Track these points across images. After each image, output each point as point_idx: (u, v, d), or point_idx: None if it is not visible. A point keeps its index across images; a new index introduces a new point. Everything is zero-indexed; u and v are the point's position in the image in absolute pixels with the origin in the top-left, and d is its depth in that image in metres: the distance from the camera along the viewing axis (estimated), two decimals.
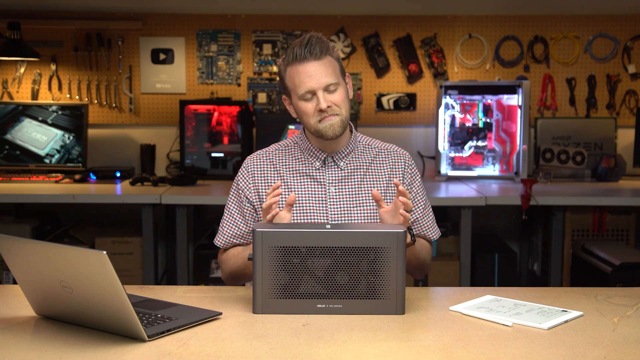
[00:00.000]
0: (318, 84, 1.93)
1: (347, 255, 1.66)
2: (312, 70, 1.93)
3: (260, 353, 1.44)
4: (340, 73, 1.98)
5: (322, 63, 1.94)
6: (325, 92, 1.94)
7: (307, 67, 1.93)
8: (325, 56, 1.95)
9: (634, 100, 4.33)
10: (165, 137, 4.33)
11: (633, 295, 1.87)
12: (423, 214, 2.10)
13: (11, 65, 4.25)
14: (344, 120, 1.97)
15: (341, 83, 1.97)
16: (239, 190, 2.06)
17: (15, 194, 3.60)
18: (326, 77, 1.93)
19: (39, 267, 1.55)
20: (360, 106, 4.33)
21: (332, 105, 1.95)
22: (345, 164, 2.04)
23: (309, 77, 1.93)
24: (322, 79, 1.93)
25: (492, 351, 1.46)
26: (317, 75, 1.93)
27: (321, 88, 1.93)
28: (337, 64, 1.98)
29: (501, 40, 4.31)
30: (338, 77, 1.96)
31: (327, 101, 1.94)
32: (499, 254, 3.84)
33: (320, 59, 1.93)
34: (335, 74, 1.95)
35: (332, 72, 1.94)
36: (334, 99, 1.95)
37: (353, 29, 4.29)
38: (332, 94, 1.95)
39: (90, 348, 1.47)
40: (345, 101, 1.97)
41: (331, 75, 1.94)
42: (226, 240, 2.07)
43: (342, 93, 1.97)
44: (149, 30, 4.27)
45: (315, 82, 1.93)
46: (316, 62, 1.93)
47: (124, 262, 3.71)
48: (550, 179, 4.09)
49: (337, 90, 1.96)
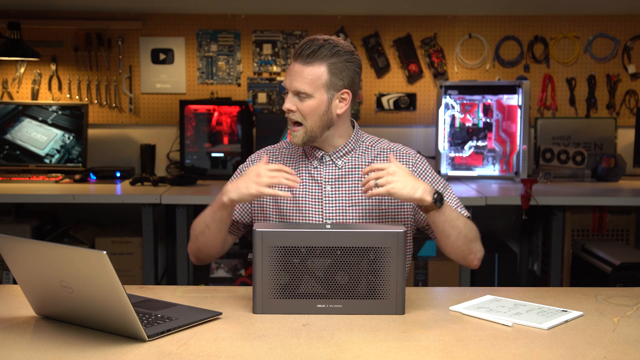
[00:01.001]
0: (290, 86, 1.93)
1: (347, 255, 1.66)
2: (294, 70, 1.92)
3: (260, 353, 1.44)
4: (325, 85, 1.91)
5: (306, 68, 1.90)
6: (295, 96, 1.93)
7: (293, 66, 1.93)
8: (317, 63, 1.90)
9: (634, 100, 4.33)
10: (165, 137, 4.32)
11: (633, 295, 1.87)
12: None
13: (11, 65, 4.25)
14: (308, 132, 1.93)
15: (317, 95, 1.90)
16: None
17: (15, 194, 3.60)
18: (300, 83, 1.90)
19: (39, 267, 1.55)
20: (360, 106, 4.33)
21: (297, 111, 1.93)
22: (343, 162, 2.02)
23: (289, 76, 1.93)
24: (295, 82, 1.91)
25: (492, 351, 1.46)
26: (295, 77, 1.91)
27: (291, 90, 1.93)
28: (328, 75, 1.91)
29: (501, 40, 4.31)
30: (316, 88, 1.90)
31: (292, 105, 1.92)
32: (499, 254, 3.84)
33: (307, 63, 1.90)
34: (313, 84, 1.90)
35: (310, 80, 1.89)
36: (300, 106, 1.92)
37: (353, 29, 4.29)
38: (301, 101, 1.92)
39: (90, 348, 1.47)
40: (313, 114, 1.92)
41: (307, 84, 1.90)
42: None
43: (312, 105, 1.91)
44: (149, 30, 4.27)
45: (289, 82, 1.93)
46: (301, 65, 1.91)
47: (124, 262, 3.71)
48: (550, 179, 4.09)
49: (306, 100, 1.91)
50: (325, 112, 1.93)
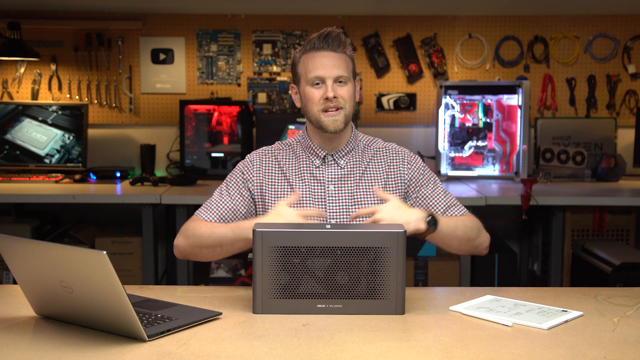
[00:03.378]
0: (330, 73, 1.97)
1: (347, 255, 1.66)
2: (326, 59, 1.98)
3: (260, 353, 1.44)
4: (353, 72, 2.03)
5: (337, 56, 1.99)
6: (335, 83, 1.98)
7: (322, 56, 1.98)
8: (342, 52, 2.00)
9: (634, 100, 4.33)
10: (165, 137, 4.32)
11: (633, 295, 1.87)
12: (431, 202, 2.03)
13: (11, 65, 4.25)
14: (347, 116, 1.99)
15: (351, 80, 2.01)
16: (245, 179, 2.04)
17: (15, 194, 3.60)
18: (339, 69, 1.98)
19: (39, 267, 1.55)
20: (360, 106, 4.33)
21: (339, 97, 1.98)
22: (345, 162, 2.04)
23: (322, 65, 1.97)
24: (334, 69, 1.97)
25: (492, 351, 1.46)
26: (330, 65, 1.97)
27: (332, 78, 1.97)
28: (351, 62, 2.03)
29: (501, 40, 4.31)
30: (350, 73, 2.01)
31: (335, 92, 1.97)
32: (499, 254, 3.83)
33: (336, 51, 1.99)
34: (347, 69, 2.00)
35: (345, 66, 1.99)
36: (342, 92, 1.98)
37: (353, 29, 4.29)
38: (341, 87, 1.98)
39: (90, 348, 1.47)
40: (351, 98, 2.00)
41: (344, 69, 1.98)
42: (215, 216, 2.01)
43: (350, 89, 2.00)
44: (149, 30, 4.27)
45: (328, 71, 1.97)
46: (332, 53, 1.99)
47: (124, 262, 3.71)
48: (550, 179, 4.09)
49: (347, 85, 1.99)
50: (355, 97, 2.04)
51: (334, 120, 1.97)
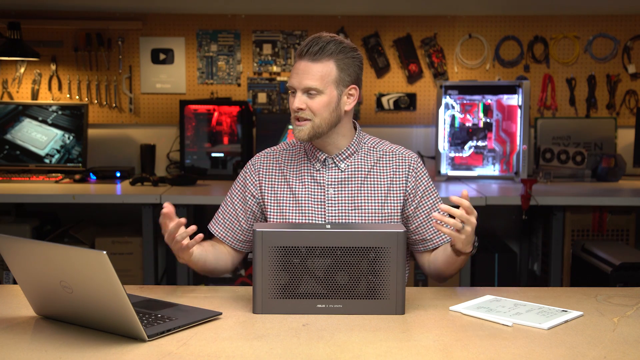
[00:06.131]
0: (299, 84, 1.92)
1: (347, 255, 1.66)
2: (301, 68, 1.92)
3: (260, 353, 1.44)
4: (335, 81, 1.92)
5: (314, 65, 1.90)
6: (305, 94, 1.92)
7: (300, 64, 1.93)
8: (325, 59, 1.91)
9: (634, 100, 4.33)
10: (165, 137, 4.32)
11: (633, 295, 1.87)
12: (427, 219, 2.00)
13: (11, 65, 4.25)
14: (315, 127, 1.92)
15: (327, 91, 1.91)
16: (246, 188, 2.04)
17: (15, 194, 3.60)
18: (309, 80, 1.90)
19: (39, 267, 1.55)
20: (360, 106, 4.33)
21: (307, 109, 1.92)
22: (346, 165, 2.01)
23: (296, 74, 1.93)
24: (304, 80, 1.91)
25: (492, 351, 1.46)
26: (303, 75, 1.91)
27: (300, 89, 1.92)
28: (337, 71, 1.92)
29: (501, 40, 4.31)
30: (326, 84, 1.91)
31: (302, 103, 1.92)
32: (499, 254, 3.83)
33: (315, 60, 1.90)
34: (323, 80, 1.90)
35: (319, 77, 1.90)
36: (311, 104, 1.91)
37: (353, 29, 4.29)
38: (312, 98, 1.92)
39: (90, 348, 1.47)
40: (323, 109, 1.91)
41: (316, 80, 1.90)
42: (223, 234, 2.05)
43: (323, 101, 1.91)
44: (149, 30, 4.27)
45: (297, 81, 1.92)
46: (309, 62, 1.91)
47: (124, 262, 3.71)
48: (550, 179, 4.09)
49: (317, 97, 1.91)
50: (335, 108, 1.94)
51: (299, 130, 1.93)
